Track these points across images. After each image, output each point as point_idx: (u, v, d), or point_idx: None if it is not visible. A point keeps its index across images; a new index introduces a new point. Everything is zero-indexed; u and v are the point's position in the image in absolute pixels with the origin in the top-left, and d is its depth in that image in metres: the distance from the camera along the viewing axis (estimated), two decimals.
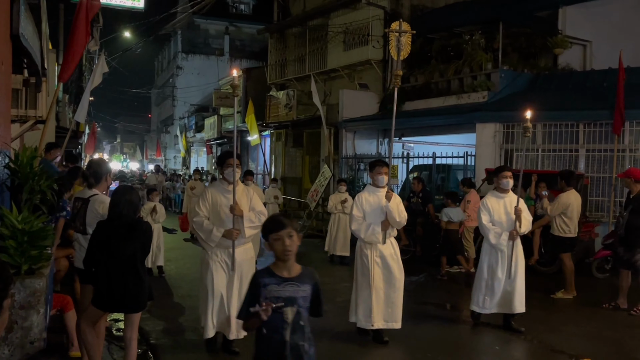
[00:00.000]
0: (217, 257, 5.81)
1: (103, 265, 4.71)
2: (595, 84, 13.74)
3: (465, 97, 14.91)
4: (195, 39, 41.95)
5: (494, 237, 6.82)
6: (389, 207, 6.19)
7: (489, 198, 7.10)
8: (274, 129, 23.03)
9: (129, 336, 4.87)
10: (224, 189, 5.87)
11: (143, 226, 4.88)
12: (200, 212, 5.81)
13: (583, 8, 15.41)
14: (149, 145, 56.12)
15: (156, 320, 7.30)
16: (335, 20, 19.70)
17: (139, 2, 17.56)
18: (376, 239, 6.29)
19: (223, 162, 5.88)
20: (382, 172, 6.46)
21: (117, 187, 5.20)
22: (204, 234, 5.75)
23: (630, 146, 11.94)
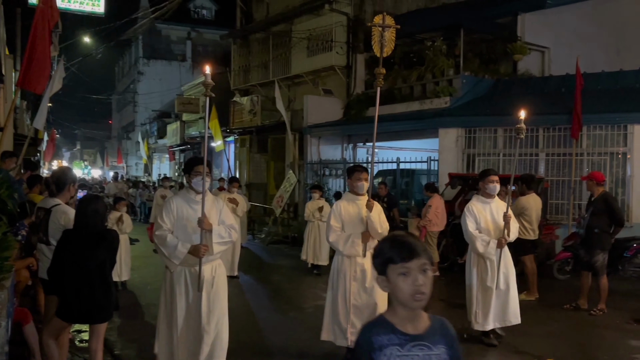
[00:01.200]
0: (181, 277, 5.02)
1: (69, 275, 4.63)
2: (554, 89, 14.07)
3: (428, 102, 15.12)
4: (156, 45, 41.57)
5: (482, 246, 6.35)
6: (370, 218, 5.64)
7: (474, 204, 6.63)
8: (238, 135, 22.93)
9: (95, 347, 4.80)
10: (190, 199, 5.11)
11: (111, 235, 4.84)
12: (163, 224, 4.99)
13: (541, 15, 15.79)
14: (110, 152, 55.21)
15: (120, 330, 7.19)
16: (298, 26, 19.75)
17: (99, 7, 17.33)
18: (356, 252, 5.68)
19: (191, 170, 5.14)
20: (361, 179, 5.85)
21: (83, 196, 5.13)
22: (167, 250, 4.91)
23: (588, 150, 12.25)
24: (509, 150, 13.36)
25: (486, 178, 6.61)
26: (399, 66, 16.70)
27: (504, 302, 6.48)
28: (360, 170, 5.94)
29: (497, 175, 6.67)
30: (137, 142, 41.08)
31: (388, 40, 6.11)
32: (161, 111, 37.44)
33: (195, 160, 5.31)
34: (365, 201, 5.75)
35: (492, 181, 6.55)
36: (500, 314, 6.49)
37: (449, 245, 11.67)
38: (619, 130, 11.90)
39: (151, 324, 7.60)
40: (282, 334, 7.22)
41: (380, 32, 6.08)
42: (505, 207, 6.46)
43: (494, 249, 6.34)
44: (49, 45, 8.27)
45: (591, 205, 8.32)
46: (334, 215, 5.83)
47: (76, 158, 68.53)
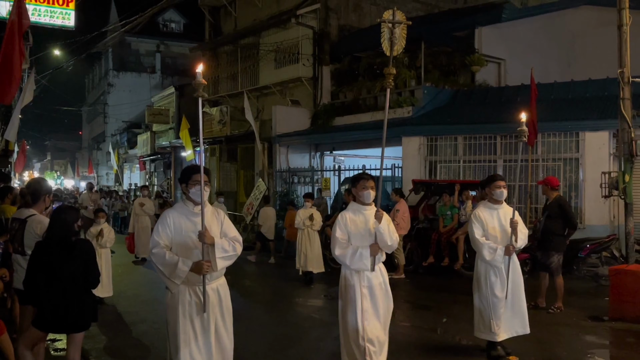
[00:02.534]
0: (185, 298, 4.42)
1: (43, 285, 4.53)
2: (510, 99, 14.34)
3: (391, 112, 15.24)
4: (126, 57, 41.10)
5: (489, 253, 5.92)
6: (380, 229, 5.00)
7: (480, 210, 6.21)
8: (208, 145, 22.78)
9: (72, 357, 4.70)
10: (189, 211, 4.53)
11: (83, 245, 4.70)
12: (159, 240, 4.41)
13: (497, 29, 16.10)
14: (81, 163, 54.24)
15: (95, 338, 7.05)
16: (266, 39, 19.76)
17: (69, 21, 16.99)
18: (364, 266, 5.03)
19: (188, 179, 4.55)
20: (367, 187, 5.19)
21: (57, 207, 5.01)
22: (166, 269, 4.34)
23: (543, 156, 12.50)
24: (468, 157, 13.55)
25: (493, 184, 6.22)
26: (364, 77, 16.84)
27: (513, 312, 6.05)
28: (366, 178, 5.29)
29: (504, 181, 6.29)
30: (108, 152, 40.40)
31: (399, 37, 5.40)
32: (131, 122, 36.98)
33: (192, 169, 4.68)
34: (372, 211, 5.13)
35: (499, 187, 6.16)
36: (511, 325, 6.06)
37: (414, 249, 11.78)
38: (572, 137, 12.19)
39: (126, 333, 7.51)
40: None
41: (390, 28, 5.37)
42: (511, 213, 6.05)
43: (501, 256, 5.92)
44: (19, 58, 8.09)
45: (546, 209, 8.50)
46: (340, 226, 5.14)
47: (47, 169, 67.16)
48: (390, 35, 5.37)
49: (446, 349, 6.67)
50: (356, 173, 5.41)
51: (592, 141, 11.86)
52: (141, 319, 8.14)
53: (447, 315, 8.08)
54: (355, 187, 5.31)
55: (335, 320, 5.92)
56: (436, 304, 9.15)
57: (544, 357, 6.36)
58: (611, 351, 6.71)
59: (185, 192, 4.60)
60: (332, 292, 10.10)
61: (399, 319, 8.23)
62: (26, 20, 8.42)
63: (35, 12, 15.68)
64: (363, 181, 5.25)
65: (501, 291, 5.96)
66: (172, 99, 28.00)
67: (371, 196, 5.20)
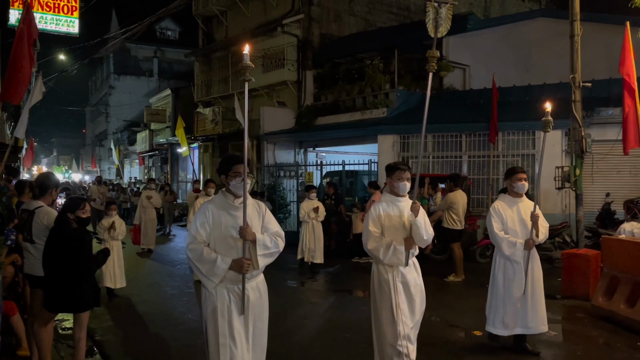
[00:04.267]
0: (224, 298, 3.77)
1: (50, 270, 4.49)
2: (474, 101, 14.43)
3: (368, 113, 15.27)
4: (126, 62, 40.58)
5: (508, 247, 5.28)
6: (417, 223, 4.32)
7: (499, 203, 5.50)
8: (202, 142, 22.64)
9: (78, 336, 4.65)
10: (229, 204, 3.85)
11: (75, 235, 4.53)
12: (197, 236, 3.78)
13: (462, 38, 16.16)
14: (84, 158, 53.64)
15: (100, 318, 6.99)
16: (254, 46, 19.62)
17: (73, 29, 16.76)
18: (398, 261, 4.34)
19: (228, 170, 3.88)
20: (403, 178, 4.47)
21: (67, 199, 4.91)
22: (204, 267, 3.72)
23: (504, 152, 12.61)
24: (437, 153, 13.61)
25: (513, 176, 5.48)
26: (343, 81, 16.82)
27: (530, 308, 5.38)
28: (402, 169, 4.51)
29: (525, 173, 5.55)
30: (110, 148, 40.04)
31: (445, 18, 4.60)
32: (131, 121, 36.65)
33: (233, 159, 4.00)
34: (407, 203, 4.46)
35: (520, 179, 5.43)
36: (525, 320, 5.39)
37: None
38: (529, 135, 12.31)
39: (130, 313, 7.45)
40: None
41: (436, 8, 4.56)
42: (532, 206, 5.35)
43: (521, 251, 5.26)
44: (29, 62, 7.96)
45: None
46: (372, 219, 4.45)
47: (53, 164, 66.29)
48: (435, 16, 4.59)
49: None
50: (390, 164, 4.60)
51: (546, 139, 11.96)
52: (142, 300, 8.09)
53: None
54: (391, 178, 4.55)
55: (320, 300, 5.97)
56: None
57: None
58: (563, 325, 6.80)
59: (225, 184, 3.92)
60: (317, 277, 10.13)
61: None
62: (34, 30, 8.28)
63: (42, 19, 15.46)
64: (399, 172, 4.50)
65: (519, 288, 5.31)
66: (168, 100, 27.83)
67: (407, 187, 4.50)
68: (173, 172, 27.30)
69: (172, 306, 7.82)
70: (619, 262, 6.73)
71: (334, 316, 7.14)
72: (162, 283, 9.47)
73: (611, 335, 6.10)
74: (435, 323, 6.76)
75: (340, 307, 7.74)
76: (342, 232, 12.24)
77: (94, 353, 5.65)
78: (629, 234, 7.04)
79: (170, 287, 9.08)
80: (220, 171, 3.97)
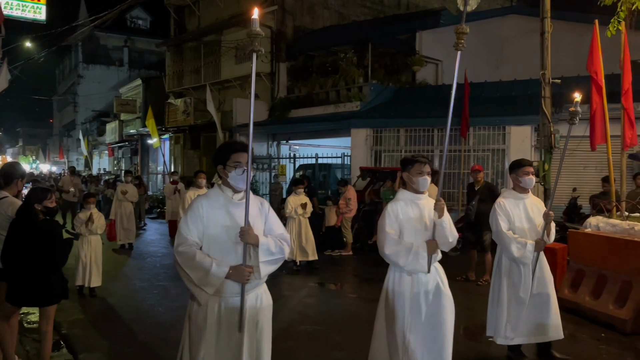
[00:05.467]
0: (214, 313, 3.09)
1: (15, 262, 4.36)
2: (446, 96, 14.34)
3: (341, 106, 15.29)
4: (95, 51, 39.72)
5: (517, 249, 4.65)
6: (442, 223, 3.75)
7: (505, 200, 4.90)
8: (173, 133, 22.38)
9: (44, 329, 4.54)
10: (227, 200, 3.20)
11: (44, 226, 4.42)
12: (188, 235, 3.10)
13: (435, 33, 16.29)
14: (52, 149, 52.46)
15: (67, 312, 6.84)
16: (227, 37, 19.43)
17: (40, 15, 16.29)
18: (421, 267, 3.74)
19: (226, 159, 3.21)
20: (424, 172, 3.86)
21: (30, 189, 4.78)
22: (195, 274, 3.04)
23: (474, 147, 12.78)
24: (409, 147, 13.71)
25: (520, 169, 4.87)
26: (317, 74, 16.79)
27: (540, 314, 4.80)
28: (422, 161, 3.90)
29: (532, 166, 4.97)
30: (78, 139, 39.22)
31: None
32: (100, 111, 35.96)
33: (232, 146, 3.29)
34: (428, 201, 3.90)
35: (527, 173, 4.85)
36: (534, 327, 4.80)
37: (360, 229, 11.87)
38: (499, 130, 12.49)
39: (97, 305, 7.30)
40: None
41: None
42: (541, 204, 4.93)
43: (531, 252, 4.66)
44: None
45: (477, 194, 8.65)
46: (389, 219, 3.83)
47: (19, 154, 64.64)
48: None
49: None
50: (407, 157, 4.06)
51: (516, 134, 12.19)
52: (110, 293, 7.93)
53: None
54: (408, 172, 3.92)
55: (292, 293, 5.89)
56: (380, 277, 9.10)
57: (474, 323, 6.51)
58: None
59: (223, 176, 3.26)
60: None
61: (347, 291, 8.42)
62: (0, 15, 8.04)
63: (8, 5, 14.97)
64: (419, 165, 3.87)
65: (525, 292, 4.76)
66: (139, 91, 27.40)
67: (427, 183, 3.90)
68: (143, 164, 26.91)
69: (141, 299, 7.70)
70: (584, 256, 6.87)
71: (305, 309, 7.13)
72: (131, 276, 9.32)
73: (576, 327, 6.23)
74: None
75: (311, 300, 7.75)
76: (315, 225, 12.21)
77: (60, 347, 5.51)
78: (594, 228, 7.20)
79: (139, 280, 8.94)
80: (216, 160, 3.29)
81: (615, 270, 6.21)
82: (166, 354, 5.39)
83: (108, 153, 33.21)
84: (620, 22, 6.75)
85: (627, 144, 7.12)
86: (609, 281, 6.47)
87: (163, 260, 10.77)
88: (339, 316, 6.80)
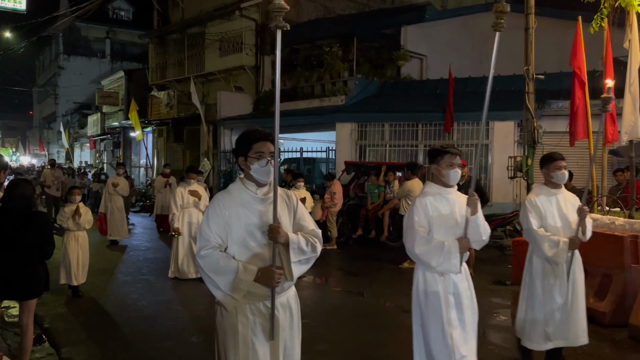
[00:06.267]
0: (246, 319, 2.84)
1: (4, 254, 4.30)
2: (430, 91, 14.63)
3: (326, 100, 15.28)
4: (76, 42, 39.11)
5: (550, 248, 4.27)
6: (477, 220, 3.49)
7: (536, 195, 4.46)
8: (156, 126, 22.17)
9: (25, 322, 4.48)
10: (250, 196, 2.89)
11: (40, 218, 4.46)
12: (210, 237, 2.81)
13: (420, 28, 16.34)
14: (31, 141, 51.65)
15: (49, 305, 6.77)
16: (211, 29, 19.29)
17: (20, 5, 16.03)
18: (453, 267, 3.47)
19: (248, 149, 2.90)
20: (455, 164, 3.56)
21: (11, 180, 4.71)
22: (221, 279, 2.77)
23: (459, 142, 12.86)
24: (394, 142, 13.77)
25: (552, 164, 4.43)
26: (301, 68, 16.75)
27: (575, 317, 4.41)
28: (453, 153, 3.60)
29: (565, 160, 4.49)
30: (59, 131, 38.65)
31: None
32: (82, 103, 35.48)
33: (255, 135, 2.96)
34: (459, 196, 3.65)
35: (559, 167, 4.40)
36: (568, 331, 4.40)
37: (345, 223, 11.90)
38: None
39: (79, 300, 7.23)
40: None
41: None
42: (576, 199, 4.52)
43: (565, 251, 4.28)
44: None
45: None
46: (418, 215, 3.52)
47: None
48: None
49: (371, 310, 6.81)
50: (436, 147, 3.74)
51: (500, 129, 12.30)
52: (94, 286, 7.84)
53: (373, 281, 8.25)
54: (437, 164, 3.61)
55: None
56: (364, 271, 9.30)
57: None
58: (512, 310, 7.01)
59: (244, 169, 2.94)
60: None
61: (331, 284, 8.44)
62: None
63: None
64: (450, 156, 3.57)
65: (561, 295, 4.38)
66: (121, 83, 27.08)
67: (459, 176, 3.61)
68: (125, 157, 26.65)
69: (125, 293, 7.65)
70: None
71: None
72: (113, 269, 9.24)
73: None
74: (391, 309, 6.86)
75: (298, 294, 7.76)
76: None
77: (42, 341, 5.46)
78: None
79: (123, 274, 8.88)
80: (237, 151, 2.97)
81: (595, 264, 6.31)
82: (149, 347, 5.38)
83: (90, 146, 32.82)
84: (603, 18, 6.83)
85: (609, 140, 7.22)
86: (589, 275, 6.57)
87: (146, 254, 10.70)
88: (324, 309, 6.83)
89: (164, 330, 5.86)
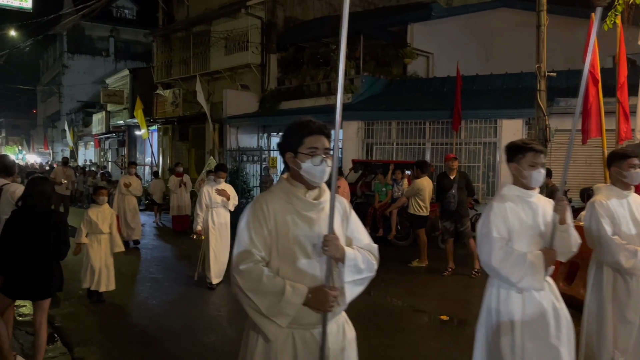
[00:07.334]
0: (286, 349, 2.32)
1: (15, 253, 4.26)
2: (437, 89, 14.56)
3: (332, 98, 15.16)
4: (80, 40, 39.16)
5: (626, 258, 3.61)
6: (568, 230, 3.02)
7: (607, 197, 3.80)
8: (161, 125, 22.16)
9: (39, 321, 4.46)
10: (299, 200, 2.40)
11: (57, 217, 4.44)
12: (253, 249, 2.30)
13: (426, 26, 16.26)
14: (35, 140, 51.74)
15: (60, 304, 6.75)
16: (217, 27, 19.25)
17: (26, 3, 16.02)
18: (537, 284, 2.95)
19: (299, 144, 2.41)
20: (538, 164, 3.03)
21: (31, 178, 4.69)
22: (263, 300, 2.24)
23: (466, 140, 12.79)
24: (401, 140, 13.70)
25: (624, 162, 3.78)
26: (308, 66, 16.69)
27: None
28: (538, 150, 3.05)
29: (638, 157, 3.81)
30: (63, 130, 38.68)
31: None
32: (86, 102, 35.51)
33: (306, 127, 2.44)
34: (544, 201, 3.15)
35: (633, 165, 3.75)
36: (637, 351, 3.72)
37: None
38: (491, 123, 12.51)
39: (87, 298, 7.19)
40: None
41: None
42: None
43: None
44: None
45: (454, 182, 8.57)
46: (496, 221, 3.02)
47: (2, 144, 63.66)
48: None
49: (380, 310, 6.76)
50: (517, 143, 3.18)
51: (508, 127, 12.20)
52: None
53: (380, 280, 8.19)
54: (518, 163, 3.10)
55: None
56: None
57: (474, 316, 6.54)
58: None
59: (293, 166, 2.43)
60: None
61: None
62: None
63: None
64: (533, 154, 3.04)
65: (635, 311, 3.70)
66: (126, 81, 27.09)
67: (542, 177, 3.08)
68: (131, 155, 26.65)
69: (133, 292, 7.63)
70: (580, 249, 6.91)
71: None
72: (122, 268, 9.21)
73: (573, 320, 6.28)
74: (401, 308, 6.81)
75: None
76: None
77: (55, 340, 5.44)
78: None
79: (131, 273, 8.86)
80: (284, 146, 2.47)
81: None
82: (160, 346, 5.35)
83: (94, 144, 32.84)
84: (617, 15, 6.75)
85: (622, 137, 7.15)
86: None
87: (154, 253, 10.67)
88: None
89: (175, 330, 5.83)
